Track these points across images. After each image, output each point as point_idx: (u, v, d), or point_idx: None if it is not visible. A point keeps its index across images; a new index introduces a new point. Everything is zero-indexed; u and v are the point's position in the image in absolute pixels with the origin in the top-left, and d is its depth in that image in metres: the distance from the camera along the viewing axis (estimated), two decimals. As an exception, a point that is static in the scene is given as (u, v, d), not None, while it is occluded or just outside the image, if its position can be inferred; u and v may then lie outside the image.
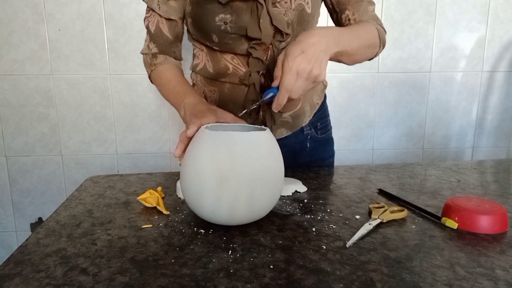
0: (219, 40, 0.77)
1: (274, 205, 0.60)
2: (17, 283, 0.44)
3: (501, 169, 0.93)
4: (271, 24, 0.75)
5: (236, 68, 0.81)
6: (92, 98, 1.58)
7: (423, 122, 1.73)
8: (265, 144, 0.57)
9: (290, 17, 0.76)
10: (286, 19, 0.76)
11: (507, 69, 1.70)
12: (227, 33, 0.75)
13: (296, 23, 0.78)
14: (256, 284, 0.44)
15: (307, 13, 0.78)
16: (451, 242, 0.54)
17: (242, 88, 0.82)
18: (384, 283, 0.44)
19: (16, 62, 1.52)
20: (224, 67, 0.81)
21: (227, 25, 0.74)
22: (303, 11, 0.77)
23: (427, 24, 1.62)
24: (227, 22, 0.74)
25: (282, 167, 0.59)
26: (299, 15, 0.77)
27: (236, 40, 0.77)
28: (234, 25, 0.74)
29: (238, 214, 0.55)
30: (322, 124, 0.96)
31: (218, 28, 0.75)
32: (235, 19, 0.74)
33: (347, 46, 0.68)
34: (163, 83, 0.82)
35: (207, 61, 0.84)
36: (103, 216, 0.64)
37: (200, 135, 0.57)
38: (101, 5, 1.50)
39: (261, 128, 0.65)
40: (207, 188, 0.54)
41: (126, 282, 0.44)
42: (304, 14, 0.78)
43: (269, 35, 0.76)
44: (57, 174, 1.64)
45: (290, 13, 0.76)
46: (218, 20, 0.74)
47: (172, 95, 0.79)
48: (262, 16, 0.74)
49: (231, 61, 0.81)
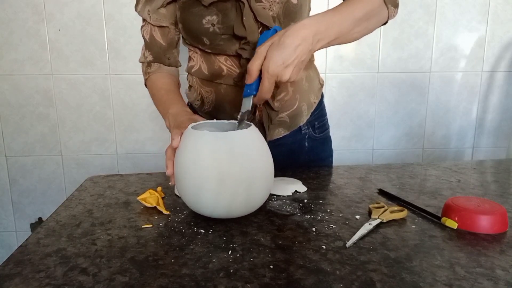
0: (210, 43, 0.77)
1: (267, 196, 0.63)
2: (17, 283, 0.44)
3: (501, 169, 0.93)
4: (255, 20, 0.74)
5: (230, 69, 0.80)
6: (92, 98, 1.58)
7: (423, 122, 1.73)
8: (256, 139, 0.60)
9: (275, 11, 0.74)
10: (271, 13, 0.74)
11: (507, 69, 1.70)
12: (217, 34, 0.75)
13: (283, 16, 0.76)
14: (256, 284, 0.44)
15: (293, 4, 0.75)
16: (451, 242, 0.54)
17: (237, 89, 0.82)
18: (384, 283, 0.44)
19: (16, 62, 1.52)
20: (218, 68, 0.81)
21: (215, 27, 0.74)
22: (288, 3, 0.75)
23: (427, 24, 1.62)
24: (214, 23, 0.74)
25: (271, 159, 0.62)
26: (284, 7, 0.75)
27: (227, 41, 0.76)
28: (222, 26, 0.74)
29: (236, 207, 0.58)
30: (319, 123, 0.95)
31: (207, 30, 0.75)
32: (221, 20, 0.74)
33: (338, 32, 0.65)
34: (154, 93, 0.85)
35: (202, 63, 0.83)
36: (103, 216, 0.64)
37: (196, 135, 0.58)
38: (101, 5, 1.50)
39: (246, 123, 0.66)
40: (207, 185, 0.56)
41: (126, 282, 0.44)
42: (289, 5, 0.75)
43: (254, 32, 0.74)
44: (57, 174, 1.64)
45: (274, 7, 0.74)
46: (206, 23, 0.74)
47: (160, 105, 0.81)
48: (245, 14, 0.73)
49: (224, 63, 0.80)
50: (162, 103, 0.80)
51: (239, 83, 0.81)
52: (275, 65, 0.60)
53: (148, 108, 1.61)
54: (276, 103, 0.84)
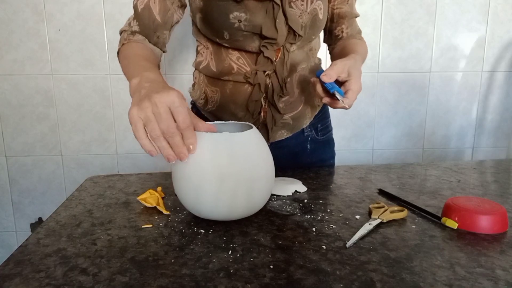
0: (230, 37, 0.76)
1: (268, 198, 0.63)
2: (17, 283, 0.44)
3: (501, 169, 0.93)
4: (286, 24, 0.76)
5: (241, 68, 0.80)
6: (92, 98, 1.58)
7: (423, 122, 1.73)
8: (257, 141, 0.59)
9: (304, 20, 0.77)
10: (300, 21, 0.77)
11: (507, 69, 1.70)
12: (240, 30, 0.75)
13: (309, 26, 0.79)
14: (256, 284, 0.44)
15: (319, 19, 0.80)
16: (451, 242, 0.54)
17: (245, 88, 0.82)
18: (384, 283, 0.44)
19: (16, 62, 1.52)
20: (228, 66, 0.81)
21: (241, 23, 0.74)
22: (316, 16, 0.79)
23: (427, 24, 1.62)
24: (241, 20, 0.73)
25: (272, 160, 0.62)
26: (312, 19, 0.78)
27: (248, 38, 0.76)
28: (248, 24, 0.74)
29: (237, 209, 0.57)
30: (322, 125, 0.96)
31: (231, 25, 0.74)
32: (249, 18, 0.73)
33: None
34: (129, 55, 0.71)
35: (211, 60, 0.83)
36: (103, 216, 0.64)
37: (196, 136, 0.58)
38: (101, 5, 1.50)
39: (247, 125, 0.66)
40: (208, 187, 0.55)
41: (126, 282, 0.44)
42: (316, 19, 0.79)
43: (283, 35, 0.76)
44: (57, 174, 1.64)
45: (305, 16, 0.77)
46: (232, 18, 0.73)
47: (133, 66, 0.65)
48: (278, 16, 0.74)
49: (236, 61, 0.80)
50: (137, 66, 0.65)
51: (249, 80, 0.81)
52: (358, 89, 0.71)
53: (148, 108, 1.60)
54: (281, 104, 0.84)
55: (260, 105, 0.83)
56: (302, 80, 0.86)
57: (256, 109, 0.83)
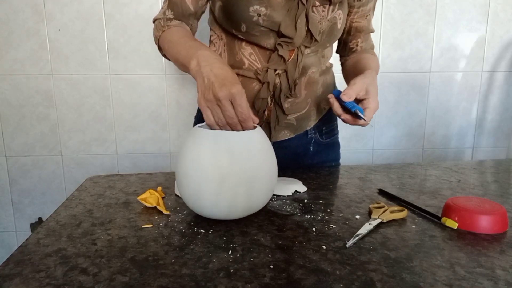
0: (246, 30, 0.76)
1: (269, 198, 0.63)
2: (17, 283, 0.44)
3: (501, 169, 0.93)
4: (305, 26, 0.76)
5: (252, 64, 0.80)
6: (92, 98, 1.58)
7: (423, 122, 1.73)
8: (260, 140, 0.59)
9: (323, 26, 0.78)
10: (319, 27, 0.77)
11: (507, 69, 1.70)
12: (258, 25, 0.74)
13: (326, 33, 0.80)
14: (256, 284, 0.44)
15: (337, 28, 0.81)
16: (451, 242, 0.54)
17: (254, 85, 0.82)
18: (384, 283, 0.44)
19: (16, 62, 1.52)
20: (239, 61, 0.81)
21: (260, 17, 0.73)
22: (335, 25, 0.80)
23: (427, 24, 1.62)
24: (261, 14, 0.73)
25: (275, 161, 0.62)
26: (331, 27, 0.79)
27: (264, 33, 0.76)
28: (268, 19, 0.74)
29: (237, 209, 0.57)
30: (328, 128, 0.95)
31: (250, 18, 0.74)
32: (269, 13, 0.73)
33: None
34: (174, 40, 0.73)
35: (223, 51, 0.83)
36: (103, 216, 0.64)
37: (198, 134, 0.58)
38: (101, 5, 1.50)
39: None
40: (208, 185, 0.55)
41: (126, 282, 0.44)
42: (335, 28, 0.80)
43: (301, 37, 0.77)
44: (57, 174, 1.64)
45: (324, 23, 0.78)
46: (252, 11, 0.73)
47: (183, 48, 0.68)
48: (300, 17, 0.74)
49: (248, 57, 0.80)
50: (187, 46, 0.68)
51: (259, 77, 0.80)
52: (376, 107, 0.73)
53: (148, 108, 1.61)
54: (287, 104, 0.84)
55: (266, 104, 0.83)
56: (310, 82, 0.86)
57: (262, 107, 0.83)
